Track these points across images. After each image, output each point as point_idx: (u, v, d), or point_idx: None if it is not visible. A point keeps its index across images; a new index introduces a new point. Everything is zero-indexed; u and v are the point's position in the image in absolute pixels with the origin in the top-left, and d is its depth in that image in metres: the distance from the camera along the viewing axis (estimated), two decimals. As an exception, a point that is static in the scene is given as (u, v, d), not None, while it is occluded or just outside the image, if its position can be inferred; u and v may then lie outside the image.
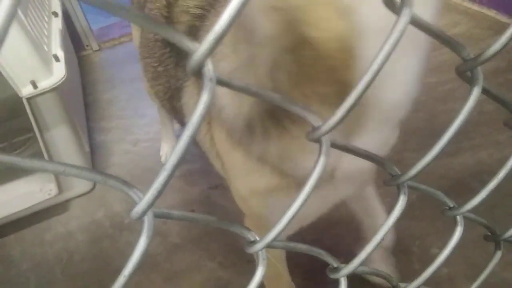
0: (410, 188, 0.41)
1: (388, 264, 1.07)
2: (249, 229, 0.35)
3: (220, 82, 0.25)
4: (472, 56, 0.35)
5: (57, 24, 1.69)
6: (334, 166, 0.57)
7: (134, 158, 1.70)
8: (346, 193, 0.72)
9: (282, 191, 0.60)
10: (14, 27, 1.20)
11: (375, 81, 0.45)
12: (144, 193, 0.26)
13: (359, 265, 0.41)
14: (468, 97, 0.36)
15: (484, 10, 2.03)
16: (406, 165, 0.40)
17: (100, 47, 2.53)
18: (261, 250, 0.35)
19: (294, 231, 0.73)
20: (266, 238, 0.34)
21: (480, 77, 0.36)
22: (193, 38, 0.23)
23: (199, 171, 1.54)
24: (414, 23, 0.30)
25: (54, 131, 1.40)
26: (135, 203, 0.26)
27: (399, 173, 0.40)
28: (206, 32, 0.23)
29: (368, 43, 0.40)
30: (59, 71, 1.35)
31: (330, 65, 0.44)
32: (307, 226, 0.73)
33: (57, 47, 1.50)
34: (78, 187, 1.55)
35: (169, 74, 0.84)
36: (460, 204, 0.47)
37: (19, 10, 1.29)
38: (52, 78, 1.32)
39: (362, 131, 0.52)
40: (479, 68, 0.36)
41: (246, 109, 0.55)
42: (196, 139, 0.76)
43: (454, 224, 0.48)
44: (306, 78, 0.47)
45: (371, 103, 0.47)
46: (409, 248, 1.06)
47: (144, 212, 0.26)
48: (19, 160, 0.22)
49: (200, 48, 0.23)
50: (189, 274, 1.25)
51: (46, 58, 1.35)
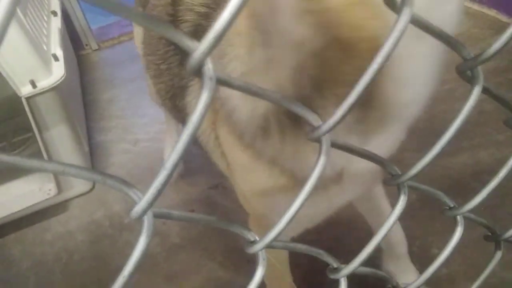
0: (410, 188, 0.41)
1: (414, 272, 1.05)
2: (249, 229, 0.35)
3: (220, 81, 0.25)
4: (472, 56, 0.35)
5: (56, 24, 1.69)
6: (343, 166, 0.56)
7: (134, 158, 1.70)
8: (355, 194, 0.71)
9: (290, 192, 0.59)
10: (13, 26, 1.20)
11: (395, 81, 0.45)
12: (144, 193, 0.26)
13: (359, 266, 0.41)
14: (468, 97, 0.36)
15: (485, 10, 2.03)
16: (406, 165, 0.40)
17: (100, 47, 2.52)
18: (261, 250, 0.35)
19: (299, 233, 0.72)
20: (266, 238, 0.34)
21: (480, 77, 0.36)
22: (198, 37, 0.23)
23: (199, 171, 1.54)
24: (415, 23, 0.30)
25: (54, 131, 1.40)
26: (135, 203, 0.26)
27: (399, 173, 0.40)
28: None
29: (406, 41, 0.40)
30: (58, 71, 1.35)
31: (358, 66, 0.44)
32: (310, 227, 0.73)
33: (56, 47, 1.50)
34: (78, 187, 1.55)
35: (173, 73, 0.83)
36: (460, 204, 0.47)
37: (18, 9, 1.29)
38: (51, 78, 1.31)
39: (380, 131, 0.51)
40: (479, 68, 0.36)
41: (262, 111, 0.54)
42: (199, 139, 0.76)
43: (454, 224, 0.48)
44: (329, 81, 0.47)
45: (391, 103, 0.47)
46: (409, 248, 1.06)
47: (144, 212, 0.26)
48: (18, 160, 0.22)
49: (200, 47, 0.23)
50: (189, 274, 1.24)
51: (45, 58, 1.35)
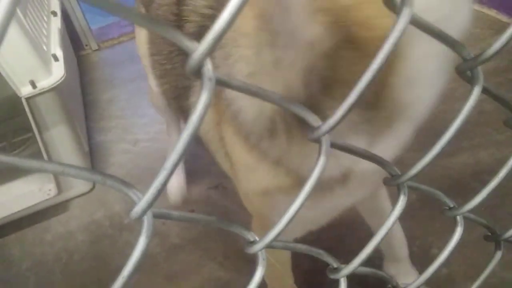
0: (410, 188, 0.41)
1: (415, 275, 1.04)
2: (249, 230, 0.35)
3: (220, 82, 0.25)
4: (472, 56, 0.35)
5: (56, 24, 1.69)
6: (350, 167, 0.55)
7: (134, 158, 1.70)
8: (361, 195, 0.70)
9: (295, 193, 0.59)
10: (13, 27, 1.20)
11: (405, 81, 0.44)
12: (144, 193, 0.26)
13: (359, 266, 0.41)
14: (468, 97, 0.36)
15: (485, 10, 2.03)
16: (406, 165, 0.40)
17: (99, 47, 2.52)
18: (261, 251, 0.35)
19: (303, 234, 0.72)
20: (266, 239, 0.34)
21: (480, 77, 0.36)
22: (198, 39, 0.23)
23: (199, 171, 1.54)
24: (414, 23, 0.30)
25: (53, 131, 1.40)
26: (134, 203, 0.26)
27: (399, 173, 0.40)
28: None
29: (416, 41, 0.39)
30: (58, 71, 1.35)
31: (366, 66, 0.43)
32: (314, 229, 0.72)
33: (56, 47, 1.49)
34: (78, 187, 1.55)
35: (177, 73, 0.82)
36: (460, 204, 0.47)
37: (18, 10, 1.29)
38: (51, 78, 1.31)
39: (388, 132, 0.51)
40: (479, 68, 0.36)
41: (268, 111, 0.53)
42: (202, 139, 0.76)
43: (454, 224, 0.48)
44: (340, 82, 0.46)
45: (400, 103, 0.46)
46: (409, 248, 1.06)
47: (144, 212, 0.26)
48: (18, 160, 0.22)
49: (199, 48, 0.23)
50: (189, 274, 1.24)
51: (45, 58, 1.35)
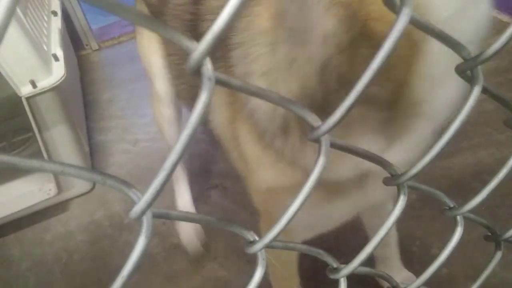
0: (410, 188, 0.41)
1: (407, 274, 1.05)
2: (249, 229, 0.35)
3: (219, 82, 0.25)
4: (472, 56, 0.35)
5: (57, 24, 1.69)
6: (368, 168, 0.54)
7: (134, 158, 1.70)
8: (378, 198, 0.68)
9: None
10: (14, 26, 1.20)
11: (427, 80, 0.43)
12: (143, 193, 0.26)
13: (359, 266, 0.40)
14: (468, 97, 0.36)
15: (484, 10, 2.03)
16: (406, 165, 0.40)
17: (100, 47, 2.52)
18: (261, 251, 0.35)
19: (314, 236, 0.71)
20: (266, 239, 0.34)
21: (480, 77, 0.36)
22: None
23: (199, 171, 1.54)
24: (414, 23, 0.30)
25: (54, 131, 1.40)
26: (134, 203, 0.26)
27: (399, 173, 0.40)
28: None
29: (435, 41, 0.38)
30: (59, 71, 1.35)
31: (388, 63, 0.42)
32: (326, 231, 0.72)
33: (57, 47, 1.49)
34: (78, 187, 1.55)
35: None
36: (460, 204, 0.47)
37: (19, 9, 1.29)
38: (52, 78, 1.31)
39: (408, 132, 0.50)
40: (479, 68, 0.35)
41: (282, 110, 0.52)
42: (218, 137, 0.75)
43: (454, 224, 0.48)
44: (356, 77, 0.45)
45: (421, 102, 0.46)
46: (409, 248, 1.06)
47: (143, 212, 0.26)
48: (18, 160, 0.22)
49: (199, 48, 0.23)
50: (189, 274, 1.24)
51: (46, 58, 1.35)
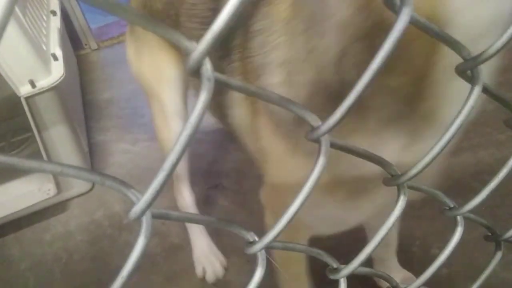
0: (410, 188, 0.41)
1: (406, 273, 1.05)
2: (248, 230, 0.35)
3: (219, 82, 0.25)
4: (472, 56, 0.35)
5: (56, 23, 1.69)
6: (397, 163, 0.53)
7: (133, 158, 1.70)
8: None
9: (326, 188, 0.56)
10: (12, 26, 1.20)
11: (450, 73, 0.42)
12: (143, 193, 0.26)
13: (359, 266, 0.40)
14: (468, 97, 0.36)
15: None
16: (406, 165, 0.40)
17: (99, 46, 2.52)
18: (261, 251, 0.34)
19: (330, 234, 0.71)
20: (265, 239, 0.34)
21: (481, 77, 0.36)
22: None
23: (199, 171, 1.54)
24: (414, 22, 0.30)
25: (53, 131, 1.40)
26: (134, 204, 0.26)
27: (399, 173, 0.40)
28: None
29: (460, 26, 0.37)
30: (58, 70, 1.35)
31: (408, 53, 0.40)
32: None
33: (56, 46, 1.49)
34: (77, 187, 1.55)
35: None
36: (460, 204, 0.47)
37: (17, 9, 1.29)
38: (51, 77, 1.31)
39: (431, 130, 0.49)
40: (480, 68, 0.35)
41: (303, 101, 0.51)
42: (235, 133, 0.74)
43: (454, 224, 0.48)
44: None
45: (444, 98, 0.45)
46: (409, 248, 1.06)
47: (142, 213, 0.26)
48: (17, 161, 0.22)
49: (198, 48, 0.23)
50: (189, 274, 1.24)
51: (45, 57, 1.35)
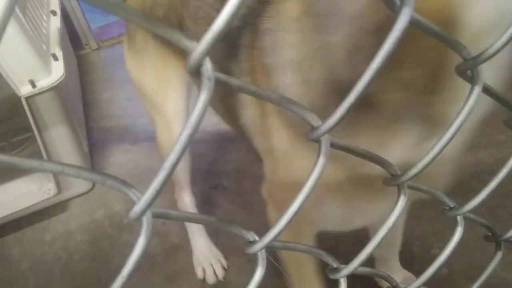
0: (410, 188, 0.41)
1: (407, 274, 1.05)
2: (248, 229, 0.35)
3: (219, 81, 0.25)
4: (472, 56, 0.35)
5: (56, 23, 1.69)
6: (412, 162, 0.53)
7: (134, 158, 1.70)
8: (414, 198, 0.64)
9: (341, 186, 0.56)
10: (13, 26, 1.20)
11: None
12: (143, 193, 0.26)
13: (359, 266, 0.40)
14: (468, 97, 0.36)
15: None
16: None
17: (99, 46, 2.52)
18: (261, 251, 0.34)
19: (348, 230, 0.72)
20: (266, 238, 0.34)
21: (481, 77, 0.36)
22: (245, 33, 0.22)
23: (199, 171, 1.54)
24: (414, 22, 0.30)
25: (53, 131, 1.40)
26: (134, 203, 0.26)
27: (399, 173, 0.40)
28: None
29: (477, 16, 0.37)
30: (58, 70, 1.35)
31: (422, 44, 0.39)
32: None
33: (56, 46, 1.49)
34: (78, 187, 1.55)
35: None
36: (461, 204, 0.47)
37: (18, 9, 1.29)
38: (51, 77, 1.31)
39: (443, 128, 0.48)
40: (480, 67, 0.35)
41: (322, 101, 0.51)
42: (246, 133, 0.73)
43: (455, 225, 0.48)
44: (389, 62, 0.44)
45: (462, 89, 0.43)
46: (410, 248, 1.06)
47: (143, 212, 0.26)
48: (18, 160, 0.22)
49: (198, 47, 0.23)
50: (189, 274, 1.24)
51: (45, 57, 1.35)
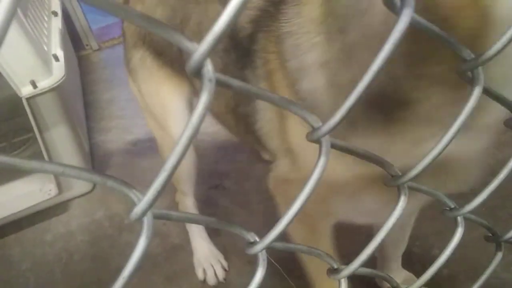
0: (411, 189, 0.41)
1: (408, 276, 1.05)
2: (249, 230, 0.35)
3: (220, 83, 0.25)
4: (473, 56, 0.35)
5: (57, 24, 1.69)
6: (448, 154, 0.49)
7: (134, 158, 1.70)
8: (452, 189, 0.60)
9: (365, 188, 0.56)
10: (14, 27, 1.20)
11: (503, 58, 0.40)
12: (144, 194, 0.26)
13: (360, 266, 0.40)
14: (469, 97, 0.36)
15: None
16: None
17: (100, 47, 2.53)
18: (261, 251, 0.34)
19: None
20: (266, 239, 0.34)
21: (481, 77, 0.36)
22: (258, 23, 0.22)
23: (199, 171, 1.54)
24: (415, 23, 0.30)
25: (54, 131, 1.40)
26: (135, 204, 0.26)
27: (400, 174, 0.40)
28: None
29: (508, 9, 0.37)
30: (59, 71, 1.35)
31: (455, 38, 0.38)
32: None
33: (57, 47, 1.50)
34: (78, 187, 1.55)
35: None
36: (461, 205, 0.47)
37: (19, 10, 1.29)
38: (52, 78, 1.32)
39: (479, 119, 0.47)
40: (480, 68, 0.35)
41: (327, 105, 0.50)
42: (262, 138, 0.73)
43: (455, 225, 0.48)
44: (418, 58, 0.42)
45: (491, 82, 0.43)
46: (410, 249, 1.06)
47: (144, 213, 0.26)
48: (18, 161, 0.22)
49: (199, 49, 0.23)
50: (189, 275, 1.24)
51: (46, 58, 1.35)
